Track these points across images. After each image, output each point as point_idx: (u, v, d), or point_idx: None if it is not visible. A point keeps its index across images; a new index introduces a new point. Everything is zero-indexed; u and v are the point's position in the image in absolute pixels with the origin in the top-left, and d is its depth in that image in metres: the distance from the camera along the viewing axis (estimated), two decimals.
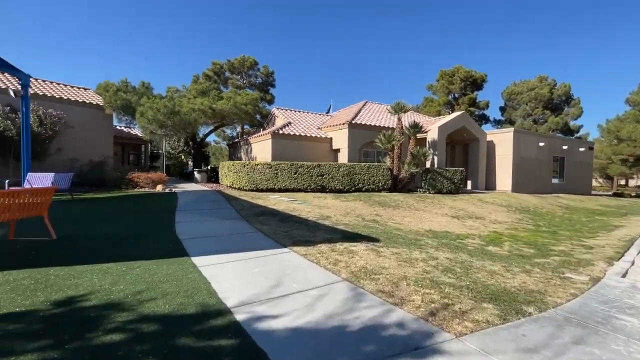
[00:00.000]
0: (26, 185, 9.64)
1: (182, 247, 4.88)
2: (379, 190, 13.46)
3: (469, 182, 18.23)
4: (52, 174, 9.76)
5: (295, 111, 19.66)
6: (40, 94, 12.98)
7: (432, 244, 6.13)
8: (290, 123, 16.72)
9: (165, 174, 13.77)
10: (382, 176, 13.44)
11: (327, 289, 3.55)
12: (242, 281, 3.65)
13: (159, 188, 12.56)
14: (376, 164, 13.83)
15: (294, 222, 7.15)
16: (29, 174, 9.89)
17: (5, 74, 12.51)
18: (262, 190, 12.52)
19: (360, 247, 5.34)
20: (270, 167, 12.49)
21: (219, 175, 15.64)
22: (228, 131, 31.04)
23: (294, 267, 4.22)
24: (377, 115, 18.62)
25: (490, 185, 18.38)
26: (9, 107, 11.15)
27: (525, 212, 12.52)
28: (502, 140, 18.20)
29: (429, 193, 14.42)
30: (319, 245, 5.25)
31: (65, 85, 15.13)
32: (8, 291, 3.08)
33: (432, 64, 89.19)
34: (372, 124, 16.23)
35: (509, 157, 17.74)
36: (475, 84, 34.33)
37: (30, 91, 13.07)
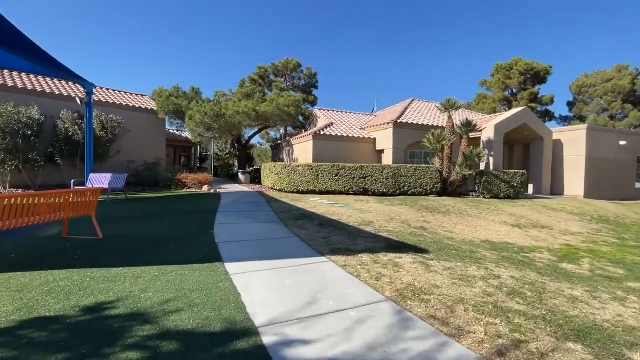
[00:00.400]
0: (88, 185, 10.49)
1: (218, 251, 4.72)
2: (427, 194, 12.51)
3: (531, 186, 16.31)
4: (109, 175, 10.49)
5: (338, 111, 19.28)
6: (104, 101, 14.17)
7: (492, 258, 5.31)
8: (332, 124, 16.37)
9: (210, 175, 14.24)
10: (430, 179, 12.48)
11: (368, 310, 3.08)
12: (274, 294, 3.32)
13: (205, 189, 12.97)
14: (424, 165, 12.90)
15: (334, 227, 6.74)
16: (91, 174, 10.76)
17: (71, 83, 13.84)
18: (302, 192, 12.32)
19: (406, 259, 4.76)
20: (311, 169, 12.24)
21: (261, 177, 15.82)
22: (272, 133, 31.73)
23: (332, 280, 3.80)
24: (425, 113, 17.50)
25: (556, 190, 16.26)
26: (77, 114, 12.29)
27: (604, 222, 10.74)
28: (572, 139, 15.99)
29: (484, 198, 13.11)
30: (360, 256, 4.78)
31: (125, 93, 16.44)
32: (45, 293, 3.08)
33: (485, 59, 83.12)
34: (420, 123, 15.23)
35: (581, 157, 15.52)
36: (537, 77, 30.98)
37: (94, 98, 14.37)
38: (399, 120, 14.59)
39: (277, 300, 3.19)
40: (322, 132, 14.83)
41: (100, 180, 10.42)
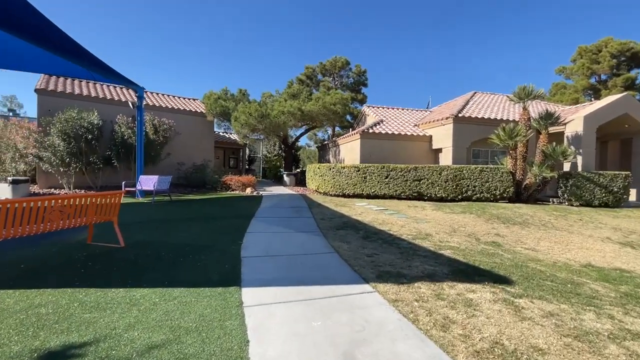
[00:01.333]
0: (138, 187, 10.70)
1: (239, 269, 3.93)
2: (496, 200, 10.61)
3: (633, 192, 13.16)
4: (156, 177, 10.58)
5: (388, 108, 17.83)
6: (157, 105, 14.71)
7: (609, 296, 3.74)
8: (382, 121, 15.05)
9: (253, 177, 13.95)
10: (500, 182, 10.55)
11: None
12: (295, 346, 2.36)
13: (248, 191, 12.63)
14: (491, 166, 10.98)
15: (382, 240, 5.60)
16: (140, 176, 11.00)
17: (125, 89, 14.57)
18: (348, 196, 11.27)
19: (482, 293, 3.46)
20: (358, 171, 11.14)
21: (306, 179, 15.14)
22: (320, 134, 31.19)
23: (377, 325, 2.72)
24: (491, 106, 15.23)
25: None
26: (131, 118, 12.81)
27: None
28: None
29: (571, 205, 10.73)
30: (416, 285, 3.61)
31: (175, 97, 17.00)
32: (16, 324, 2.51)
33: (560, 45, 73.21)
34: (485, 117, 13.16)
35: None
36: (635, 59, 25.77)
37: (147, 102, 14.98)
38: (460, 115, 12.73)
39: (298, 357, 2.22)
40: (370, 130, 13.62)
41: (148, 182, 10.56)
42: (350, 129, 21.34)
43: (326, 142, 21.77)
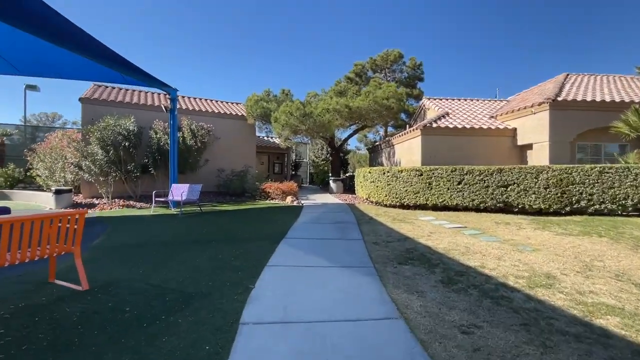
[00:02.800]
0: (169, 197, 9.73)
1: (228, 352, 2.13)
2: (627, 213, 7.46)
3: None
4: (186, 186, 9.52)
5: (453, 99, 14.98)
6: (196, 109, 14.01)
7: None
8: (447, 114, 12.39)
9: (294, 184, 12.35)
10: (634, 187, 7.38)
11: None
12: None
13: (288, 200, 11.04)
14: (619, 165, 7.79)
15: (477, 290, 3.38)
16: (172, 185, 10.06)
17: (162, 94, 14.04)
18: (407, 207, 9.01)
19: None
20: (421, 175, 8.83)
21: (355, 185, 13.11)
22: (371, 135, 28.85)
23: None
24: (599, 88, 11.60)
25: None
26: (167, 124, 12.13)
27: None
28: None
29: None
30: None
31: (215, 101, 16.24)
32: None
33: None
34: (597, 100, 9.78)
35: None
36: None
37: (184, 106, 14.35)
38: (559, 98, 9.59)
39: None
40: (434, 125, 11.09)
41: (179, 190, 9.55)
42: (407, 126, 18.81)
43: (378, 143, 19.46)
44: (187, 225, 6.93)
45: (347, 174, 19.99)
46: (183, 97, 15.31)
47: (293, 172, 21.38)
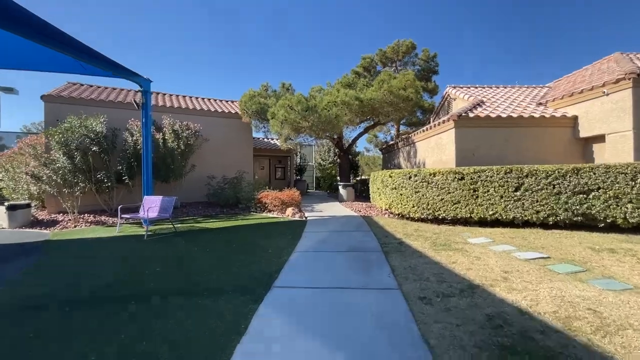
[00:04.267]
0: (141, 213, 7.74)
1: None
2: None
3: None
4: (159, 198, 7.52)
5: (484, 87, 12.69)
6: (180, 106, 12.05)
7: None
8: (482, 102, 10.11)
9: (297, 192, 10.22)
10: None
11: None
12: None
13: (289, 213, 8.93)
14: None
15: None
16: (145, 197, 8.07)
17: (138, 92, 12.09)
18: (443, 221, 6.83)
19: None
20: (462, 179, 6.64)
21: (370, 192, 10.93)
22: (381, 135, 26.59)
23: None
24: None
25: None
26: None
27: None
28: None
29: None
30: None
31: (206, 99, 14.27)
32: None
33: None
34: None
35: None
36: None
37: (165, 104, 12.40)
38: None
39: None
40: (470, 114, 8.82)
41: (152, 204, 7.55)
42: (434, 119, 16.59)
43: (393, 142, 17.21)
44: (143, 258, 4.86)
45: (357, 178, 17.81)
46: (164, 94, 13.38)
47: (297, 177, 19.25)
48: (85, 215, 9.65)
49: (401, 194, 7.72)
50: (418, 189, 7.23)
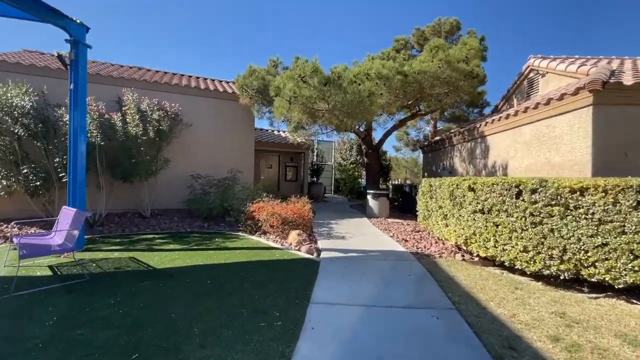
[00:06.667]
0: (48, 238, 4.66)
1: None
2: None
3: None
4: (72, 213, 4.36)
5: (594, 58, 8.65)
6: (149, 80, 8.85)
7: None
8: (613, 73, 6.27)
9: (307, 205, 6.87)
10: None
11: None
12: None
13: (292, 240, 5.55)
14: None
15: None
16: (63, 208, 4.95)
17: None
18: (599, 286, 3.18)
19: None
20: None
21: (418, 209, 7.35)
22: (413, 133, 22.67)
23: None
24: None
25: None
26: (94, 97, 7.13)
27: None
28: None
29: None
30: None
31: (192, 76, 10.91)
32: None
33: None
34: None
35: None
36: None
37: (135, 76, 9.28)
38: None
39: None
40: (625, 81, 4.91)
41: (66, 218, 4.44)
42: (503, 107, 12.79)
43: (441, 137, 13.38)
44: None
45: (387, 183, 14.18)
46: (131, 67, 10.21)
47: (312, 179, 15.80)
48: (7, 226, 6.69)
49: (496, 224, 4.17)
50: (540, 217, 3.67)
